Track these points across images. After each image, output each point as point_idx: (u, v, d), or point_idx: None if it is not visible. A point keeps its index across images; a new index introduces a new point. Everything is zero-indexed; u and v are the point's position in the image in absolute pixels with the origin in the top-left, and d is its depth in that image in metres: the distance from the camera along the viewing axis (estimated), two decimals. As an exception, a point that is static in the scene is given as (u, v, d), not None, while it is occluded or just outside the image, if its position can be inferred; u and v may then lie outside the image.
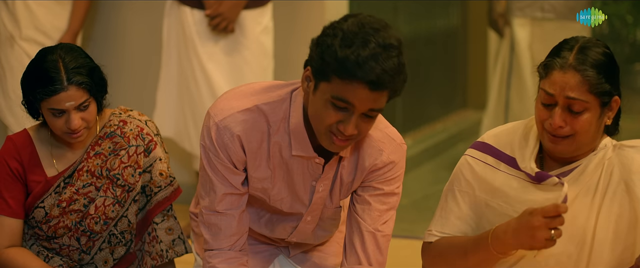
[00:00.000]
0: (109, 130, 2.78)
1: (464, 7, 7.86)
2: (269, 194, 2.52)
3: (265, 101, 2.41)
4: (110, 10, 5.21)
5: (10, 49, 4.55)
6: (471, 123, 7.20)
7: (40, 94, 2.63)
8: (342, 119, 2.25)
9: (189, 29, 4.55)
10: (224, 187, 2.47)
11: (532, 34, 5.45)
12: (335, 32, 2.22)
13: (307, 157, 2.42)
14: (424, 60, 7.13)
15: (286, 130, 2.41)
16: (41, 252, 2.80)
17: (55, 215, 2.74)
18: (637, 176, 2.37)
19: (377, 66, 2.17)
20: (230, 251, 2.52)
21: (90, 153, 2.76)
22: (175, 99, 4.68)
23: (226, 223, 2.50)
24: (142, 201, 2.80)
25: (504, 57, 5.61)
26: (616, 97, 2.40)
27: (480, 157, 2.52)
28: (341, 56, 2.18)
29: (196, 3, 4.53)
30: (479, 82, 7.79)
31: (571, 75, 2.34)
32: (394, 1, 6.55)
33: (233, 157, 2.43)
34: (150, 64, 5.11)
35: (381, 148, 2.48)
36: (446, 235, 2.53)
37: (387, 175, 2.52)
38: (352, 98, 2.21)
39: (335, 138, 2.29)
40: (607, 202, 2.40)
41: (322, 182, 2.49)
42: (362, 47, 2.18)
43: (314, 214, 2.59)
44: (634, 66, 9.68)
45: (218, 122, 2.43)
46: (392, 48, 2.20)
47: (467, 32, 7.95)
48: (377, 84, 2.19)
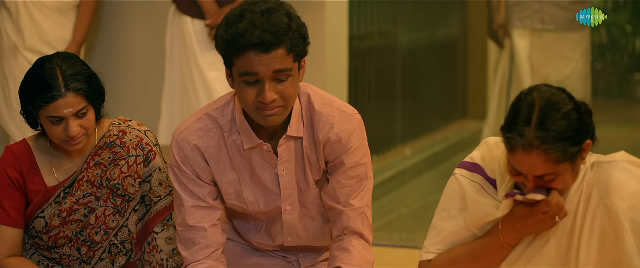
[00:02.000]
0: (109, 140, 2.79)
1: (464, 18, 7.88)
2: (244, 199, 2.62)
3: (213, 108, 2.58)
4: (113, 21, 5.22)
5: (14, 59, 4.56)
6: (471, 133, 7.21)
7: (38, 101, 2.64)
8: (258, 91, 2.39)
9: (190, 39, 4.56)
10: (192, 200, 2.60)
11: (532, 45, 5.46)
12: (222, 22, 2.43)
13: (255, 146, 2.54)
14: (424, 70, 7.14)
15: (235, 129, 2.55)
16: (42, 261, 2.81)
17: (56, 225, 2.75)
18: (616, 196, 2.36)
19: (256, 30, 2.34)
20: (207, 260, 2.61)
21: (91, 164, 2.76)
22: (179, 108, 4.69)
23: (199, 235, 2.60)
24: (142, 211, 2.81)
25: (504, 68, 5.61)
26: (587, 142, 2.36)
27: (470, 177, 2.52)
28: (227, 37, 2.38)
29: (197, 13, 4.55)
30: (479, 93, 7.80)
31: (536, 155, 2.30)
32: (394, 11, 6.57)
33: (196, 167, 2.57)
34: (153, 74, 5.12)
35: (332, 122, 2.56)
36: (443, 251, 2.54)
37: (347, 147, 2.57)
38: (252, 67, 2.37)
39: (263, 112, 2.42)
40: (588, 224, 2.39)
41: (283, 166, 2.57)
42: (239, 21, 2.37)
43: (291, 201, 2.63)
44: (633, 76, 9.69)
45: (177, 137, 2.59)
46: (270, 11, 2.37)
47: (467, 43, 7.96)
48: (264, 45, 2.34)
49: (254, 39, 2.34)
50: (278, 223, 2.68)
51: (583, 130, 2.34)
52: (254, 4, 2.40)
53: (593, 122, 2.38)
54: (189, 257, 2.62)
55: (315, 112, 2.56)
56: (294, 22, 2.40)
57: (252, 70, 2.37)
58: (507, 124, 2.37)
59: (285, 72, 2.39)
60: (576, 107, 2.34)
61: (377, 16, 6.29)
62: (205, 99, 4.60)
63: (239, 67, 2.39)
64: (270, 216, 2.67)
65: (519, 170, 2.34)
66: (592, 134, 2.37)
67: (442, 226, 2.55)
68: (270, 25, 2.35)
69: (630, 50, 9.70)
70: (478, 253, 2.46)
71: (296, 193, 2.63)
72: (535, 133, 2.29)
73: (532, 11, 5.44)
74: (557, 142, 2.29)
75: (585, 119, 2.35)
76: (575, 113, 2.33)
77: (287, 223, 2.67)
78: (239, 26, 2.36)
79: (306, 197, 2.65)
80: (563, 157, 2.30)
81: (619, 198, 2.35)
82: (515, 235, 2.42)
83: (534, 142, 2.29)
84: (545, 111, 2.31)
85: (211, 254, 2.61)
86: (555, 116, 2.31)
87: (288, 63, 2.38)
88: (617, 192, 2.36)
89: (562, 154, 2.29)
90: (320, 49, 4.90)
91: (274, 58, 2.36)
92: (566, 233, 2.41)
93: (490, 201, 2.47)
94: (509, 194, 2.41)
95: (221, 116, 2.56)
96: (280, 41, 2.36)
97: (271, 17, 2.37)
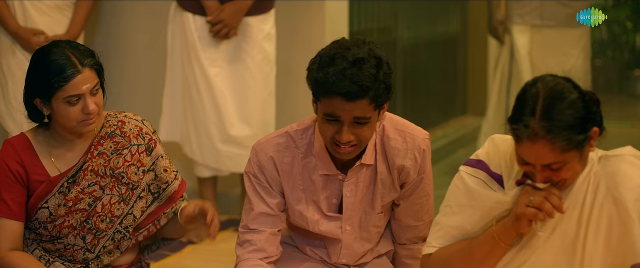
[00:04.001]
0: (109, 130, 2.82)
1: (464, 14, 7.88)
2: (306, 218, 2.77)
3: (294, 129, 2.77)
4: (113, 17, 5.23)
5: (12, 56, 4.56)
6: (471, 129, 7.21)
7: (57, 83, 2.67)
8: (336, 130, 2.57)
9: (191, 35, 4.57)
10: (261, 205, 2.75)
11: (532, 41, 5.47)
12: (316, 58, 2.59)
13: (331, 174, 2.73)
14: (424, 66, 7.15)
15: (311, 152, 2.73)
16: (43, 256, 2.83)
17: (61, 214, 2.77)
18: (623, 188, 2.38)
19: (345, 80, 2.50)
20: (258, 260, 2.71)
21: (94, 153, 2.80)
22: (180, 105, 4.70)
23: (256, 238, 2.73)
24: (150, 199, 2.85)
25: (503, 64, 5.62)
26: (594, 129, 2.37)
27: (473, 173, 2.55)
28: (317, 77, 2.54)
29: (198, 9, 4.56)
30: (479, 89, 7.81)
31: (541, 144, 2.32)
32: (394, 8, 6.57)
33: (268, 176, 2.74)
34: (154, 70, 5.12)
35: (406, 148, 2.74)
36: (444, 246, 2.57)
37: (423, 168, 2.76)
38: (335, 111, 2.54)
39: (337, 148, 2.60)
40: (595, 215, 2.41)
41: (348, 187, 2.74)
42: (331, 66, 2.52)
43: (351, 222, 2.78)
44: (633, 72, 9.70)
45: (256, 147, 2.78)
46: (361, 62, 2.52)
47: (467, 39, 7.97)
48: (350, 94, 2.50)
49: (341, 88, 2.50)
50: (336, 244, 2.81)
51: (589, 118, 2.35)
52: (348, 49, 2.54)
53: (600, 110, 2.40)
54: (241, 255, 2.74)
55: (389, 139, 2.73)
56: (381, 72, 2.55)
57: (335, 113, 2.54)
58: (512, 114, 2.40)
59: (365, 118, 2.55)
60: (581, 96, 2.36)
61: (377, 12, 6.30)
62: (206, 95, 4.61)
63: (323, 105, 2.56)
64: (330, 237, 2.81)
65: (526, 160, 2.37)
66: (599, 122, 2.39)
67: (443, 221, 2.58)
68: (358, 77, 2.50)
69: (630, 46, 9.70)
70: (474, 249, 2.48)
71: (357, 215, 2.78)
72: (539, 123, 2.31)
73: (531, 7, 5.45)
74: (562, 131, 2.31)
75: (591, 107, 2.37)
76: (580, 101, 2.35)
77: (346, 243, 2.80)
78: (329, 71, 2.51)
79: (368, 220, 2.80)
80: (568, 145, 2.32)
81: (627, 190, 2.37)
82: (505, 234, 2.45)
83: (539, 132, 2.31)
84: (549, 101, 2.33)
85: (263, 258, 2.72)
86: (559, 105, 2.32)
87: (369, 111, 2.55)
88: (624, 183, 2.38)
89: (567, 143, 2.31)
90: (321, 46, 4.88)
91: (356, 106, 2.52)
92: (573, 223, 2.42)
93: (495, 193, 2.50)
94: (518, 181, 2.44)
95: (300, 138, 2.75)
96: (365, 93, 2.51)
97: (361, 68, 2.51)
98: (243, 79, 4.60)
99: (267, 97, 4.67)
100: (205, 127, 4.63)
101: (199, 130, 4.62)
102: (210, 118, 4.62)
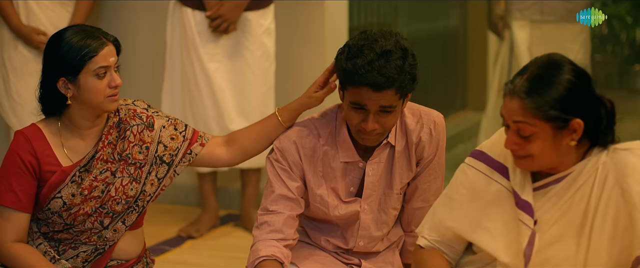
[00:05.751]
0: (116, 119, 2.87)
1: (464, 9, 7.88)
2: (327, 203, 2.86)
3: (317, 117, 2.88)
4: (113, 12, 5.23)
5: (14, 51, 4.58)
6: (471, 124, 7.22)
7: (88, 54, 2.73)
8: (362, 118, 2.69)
9: (191, 30, 4.57)
10: (281, 187, 2.82)
11: (532, 36, 5.47)
12: (344, 48, 2.69)
13: (352, 161, 2.83)
14: (423, 61, 7.13)
15: (332, 140, 2.84)
16: (48, 252, 2.85)
17: (77, 203, 2.81)
18: (632, 179, 2.40)
19: (372, 71, 2.60)
20: (274, 241, 2.76)
21: (105, 142, 2.85)
22: (180, 99, 4.71)
23: (274, 219, 2.79)
24: (165, 168, 2.90)
25: (503, 59, 5.63)
26: (577, 120, 2.40)
27: (475, 165, 2.59)
28: (346, 68, 2.64)
29: (197, 4, 4.56)
30: (479, 84, 7.81)
31: (515, 101, 2.40)
32: (394, 3, 6.57)
33: (290, 160, 2.84)
34: (154, 65, 5.13)
35: (422, 123, 2.87)
36: (438, 240, 2.64)
37: (438, 143, 2.86)
38: (362, 100, 2.65)
39: (362, 135, 2.73)
40: (602, 205, 2.43)
41: (371, 166, 2.83)
42: (359, 57, 2.62)
43: (369, 201, 2.86)
44: (633, 67, 9.70)
45: (281, 134, 2.89)
46: (388, 54, 2.62)
47: (467, 34, 7.97)
48: (377, 85, 2.61)
49: (368, 79, 2.60)
50: (354, 227, 2.90)
51: (572, 105, 2.38)
52: (376, 40, 2.64)
53: (601, 111, 2.43)
54: (258, 236, 2.79)
55: (405, 116, 2.85)
56: (407, 63, 2.66)
57: (361, 102, 2.65)
58: None
59: (391, 107, 2.66)
60: (574, 81, 2.39)
61: (377, 7, 6.30)
62: (205, 90, 4.61)
63: (350, 94, 2.66)
64: (348, 221, 2.90)
65: (504, 118, 2.43)
66: (587, 118, 2.40)
67: (438, 212, 2.65)
68: (386, 68, 2.61)
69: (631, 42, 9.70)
70: None
71: (377, 195, 2.87)
72: (523, 82, 2.39)
73: (531, 2, 5.45)
74: (538, 96, 2.37)
75: (580, 98, 2.39)
76: (569, 83, 2.39)
77: (364, 223, 2.89)
78: (357, 62, 2.61)
79: (387, 201, 2.89)
80: (539, 111, 2.36)
81: (635, 182, 2.39)
82: None
83: (519, 90, 2.39)
84: (542, 68, 2.41)
85: (279, 239, 2.77)
86: (548, 75, 2.39)
87: (394, 101, 2.65)
88: (633, 175, 2.40)
89: (538, 109, 2.36)
90: (321, 41, 4.91)
91: (382, 96, 2.63)
92: (579, 213, 2.44)
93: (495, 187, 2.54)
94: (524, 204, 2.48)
95: (322, 126, 2.85)
96: (391, 84, 2.62)
97: (388, 60, 2.61)
98: (242, 74, 4.61)
99: (266, 92, 4.68)
100: (204, 122, 4.63)
101: (198, 125, 4.62)
102: (210, 113, 4.63)
